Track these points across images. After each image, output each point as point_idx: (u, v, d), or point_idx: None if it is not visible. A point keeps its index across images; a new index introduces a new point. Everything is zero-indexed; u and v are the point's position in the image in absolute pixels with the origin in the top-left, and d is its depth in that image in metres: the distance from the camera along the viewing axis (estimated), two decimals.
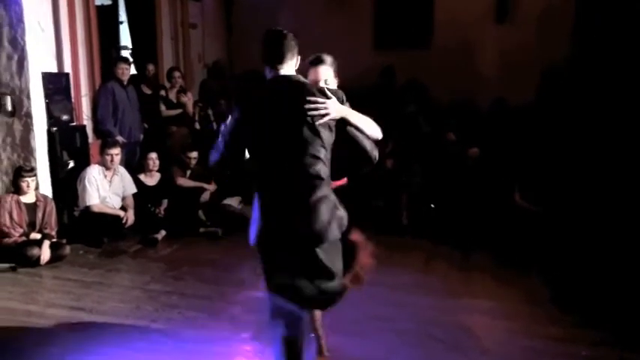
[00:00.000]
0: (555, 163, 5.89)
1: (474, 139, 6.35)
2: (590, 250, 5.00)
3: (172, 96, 6.87)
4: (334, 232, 2.43)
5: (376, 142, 2.67)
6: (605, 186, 5.62)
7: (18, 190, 4.97)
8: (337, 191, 2.58)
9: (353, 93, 8.26)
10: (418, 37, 7.95)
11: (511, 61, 7.54)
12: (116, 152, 5.51)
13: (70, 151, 5.59)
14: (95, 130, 6.08)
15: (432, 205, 6.07)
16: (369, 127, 2.56)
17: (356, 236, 2.68)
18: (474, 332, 3.59)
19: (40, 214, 5.02)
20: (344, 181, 2.80)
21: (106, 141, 5.67)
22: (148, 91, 6.83)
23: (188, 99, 6.89)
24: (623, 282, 4.38)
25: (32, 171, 5.06)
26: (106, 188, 5.49)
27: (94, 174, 5.44)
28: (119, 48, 7.36)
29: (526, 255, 5.05)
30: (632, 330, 3.63)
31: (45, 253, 4.80)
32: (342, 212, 2.49)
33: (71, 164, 5.60)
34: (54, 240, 4.99)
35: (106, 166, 5.50)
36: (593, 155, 5.98)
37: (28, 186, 4.96)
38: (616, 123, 6.18)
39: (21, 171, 5.00)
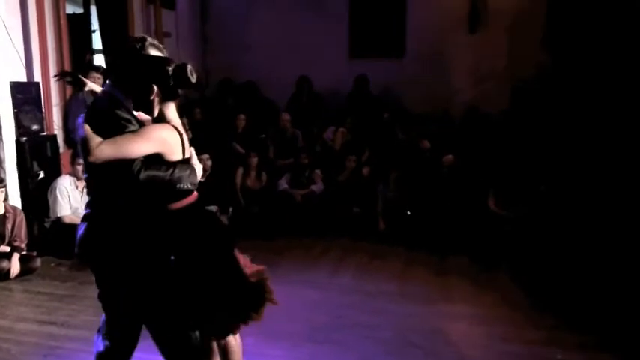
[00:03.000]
0: (528, 170, 5.99)
1: (448, 146, 6.42)
2: (566, 254, 5.08)
3: None
4: None
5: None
6: (580, 189, 5.73)
7: None
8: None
9: (329, 102, 8.27)
10: (392, 47, 8.05)
11: (483, 70, 7.69)
12: None
13: (41, 162, 5.47)
14: (67, 140, 5.96)
15: (408, 213, 6.10)
16: None
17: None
18: (452, 338, 3.61)
19: (9, 226, 4.88)
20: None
21: (77, 151, 5.56)
22: None
23: None
24: (600, 286, 4.45)
25: (1, 182, 4.93)
26: (77, 199, 5.38)
27: (65, 184, 5.32)
28: (93, 52, 7.25)
29: (502, 260, 5.10)
30: (608, 333, 3.68)
31: (14, 266, 4.67)
32: None
33: (41, 175, 5.47)
34: (24, 252, 4.86)
35: (77, 177, 5.38)
36: (567, 159, 6.10)
37: None
38: (588, 129, 6.33)
39: None
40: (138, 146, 2.14)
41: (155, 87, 2.24)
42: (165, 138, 2.25)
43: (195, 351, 2.41)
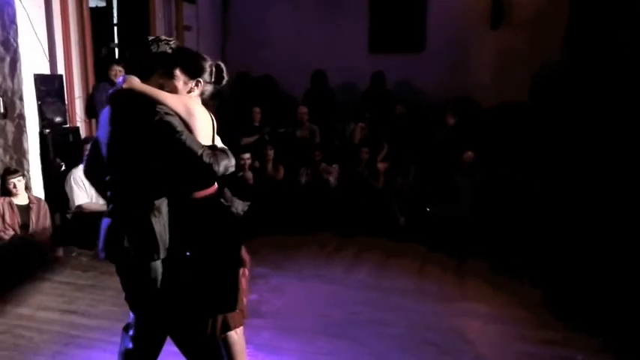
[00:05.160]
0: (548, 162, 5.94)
1: (469, 142, 6.36)
2: (585, 254, 5.01)
3: None
4: None
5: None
6: (600, 188, 5.64)
7: (6, 192, 4.95)
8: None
9: (348, 97, 8.16)
10: (412, 42, 8.00)
11: (505, 66, 7.59)
12: None
13: (63, 153, 5.55)
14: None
15: (428, 209, 6.06)
16: None
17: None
18: (468, 337, 3.59)
19: (33, 216, 4.99)
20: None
21: (85, 138, 5.64)
22: None
23: None
24: (618, 286, 4.38)
25: (17, 172, 5.02)
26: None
27: (79, 174, 5.35)
28: (110, 47, 7.32)
29: (521, 259, 5.05)
30: (626, 335, 3.63)
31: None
32: None
33: (63, 167, 5.56)
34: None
35: None
36: (587, 157, 6.01)
37: (15, 187, 4.94)
38: (608, 124, 6.22)
39: (5, 173, 5.00)
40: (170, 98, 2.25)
41: (201, 81, 2.37)
42: (194, 110, 2.29)
43: (218, 351, 2.46)
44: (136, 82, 2.27)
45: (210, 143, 2.32)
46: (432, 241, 5.53)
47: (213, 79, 2.40)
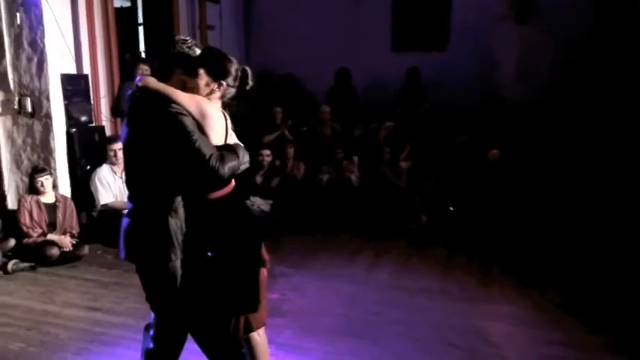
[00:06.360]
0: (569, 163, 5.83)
1: (494, 140, 6.26)
2: (609, 256, 4.89)
3: None
4: None
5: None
6: (618, 189, 5.52)
7: (34, 190, 5.04)
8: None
9: (371, 95, 8.10)
10: (435, 39, 7.92)
11: (530, 62, 7.47)
12: (118, 147, 5.30)
13: (89, 152, 5.64)
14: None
15: (451, 208, 5.99)
16: None
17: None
18: (492, 339, 3.53)
19: (60, 215, 5.08)
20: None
21: (108, 137, 5.70)
22: None
23: None
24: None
25: (44, 171, 5.11)
26: (119, 185, 5.45)
27: (103, 174, 5.44)
28: (134, 54, 7.38)
29: (544, 261, 4.96)
30: None
31: (65, 242, 4.94)
32: None
33: (89, 166, 5.63)
34: (75, 239, 5.07)
35: (112, 163, 5.49)
36: (610, 157, 5.88)
37: (42, 185, 5.03)
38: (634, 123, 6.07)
39: (33, 172, 5.10)
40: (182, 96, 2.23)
41: (224, 84, 2.34)
42: (207, 110, 2.25)
43: (239, 351, 2.46)
44: (151, 80, 2.25)
45: (222, 143, 2.29)
46: (455, 241, 5.46)
47: (237, 83, 2.37)
